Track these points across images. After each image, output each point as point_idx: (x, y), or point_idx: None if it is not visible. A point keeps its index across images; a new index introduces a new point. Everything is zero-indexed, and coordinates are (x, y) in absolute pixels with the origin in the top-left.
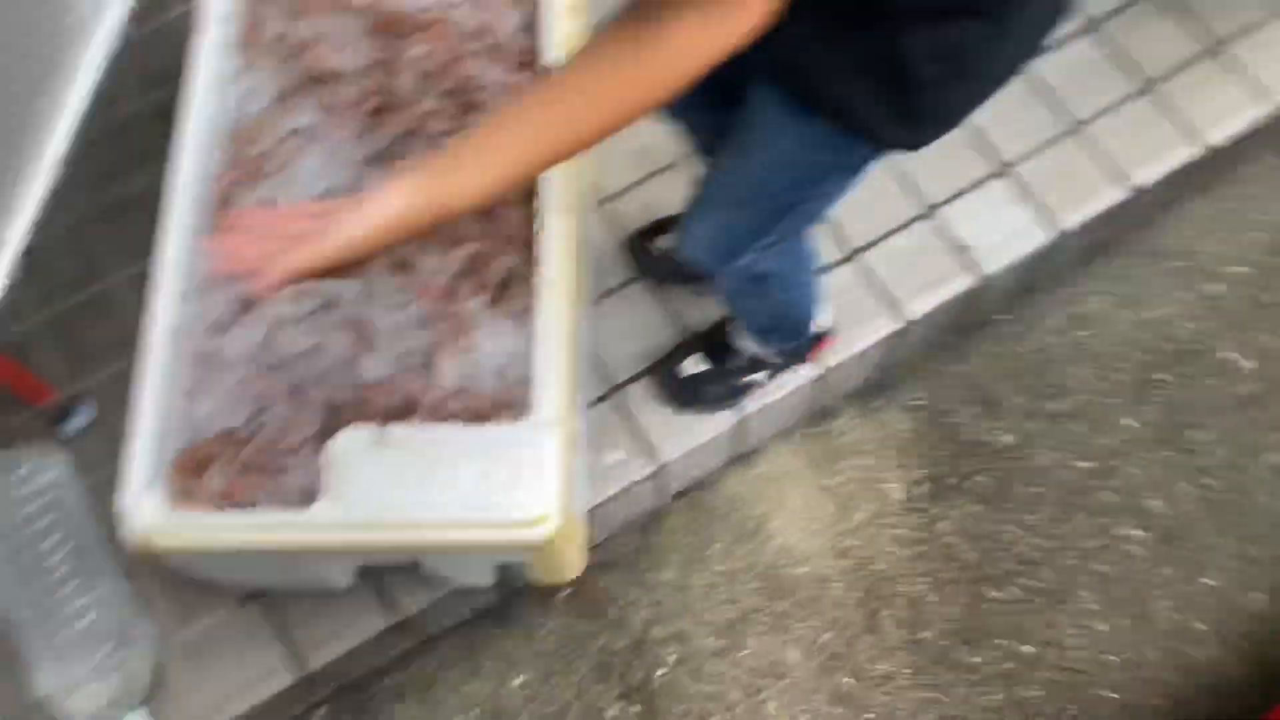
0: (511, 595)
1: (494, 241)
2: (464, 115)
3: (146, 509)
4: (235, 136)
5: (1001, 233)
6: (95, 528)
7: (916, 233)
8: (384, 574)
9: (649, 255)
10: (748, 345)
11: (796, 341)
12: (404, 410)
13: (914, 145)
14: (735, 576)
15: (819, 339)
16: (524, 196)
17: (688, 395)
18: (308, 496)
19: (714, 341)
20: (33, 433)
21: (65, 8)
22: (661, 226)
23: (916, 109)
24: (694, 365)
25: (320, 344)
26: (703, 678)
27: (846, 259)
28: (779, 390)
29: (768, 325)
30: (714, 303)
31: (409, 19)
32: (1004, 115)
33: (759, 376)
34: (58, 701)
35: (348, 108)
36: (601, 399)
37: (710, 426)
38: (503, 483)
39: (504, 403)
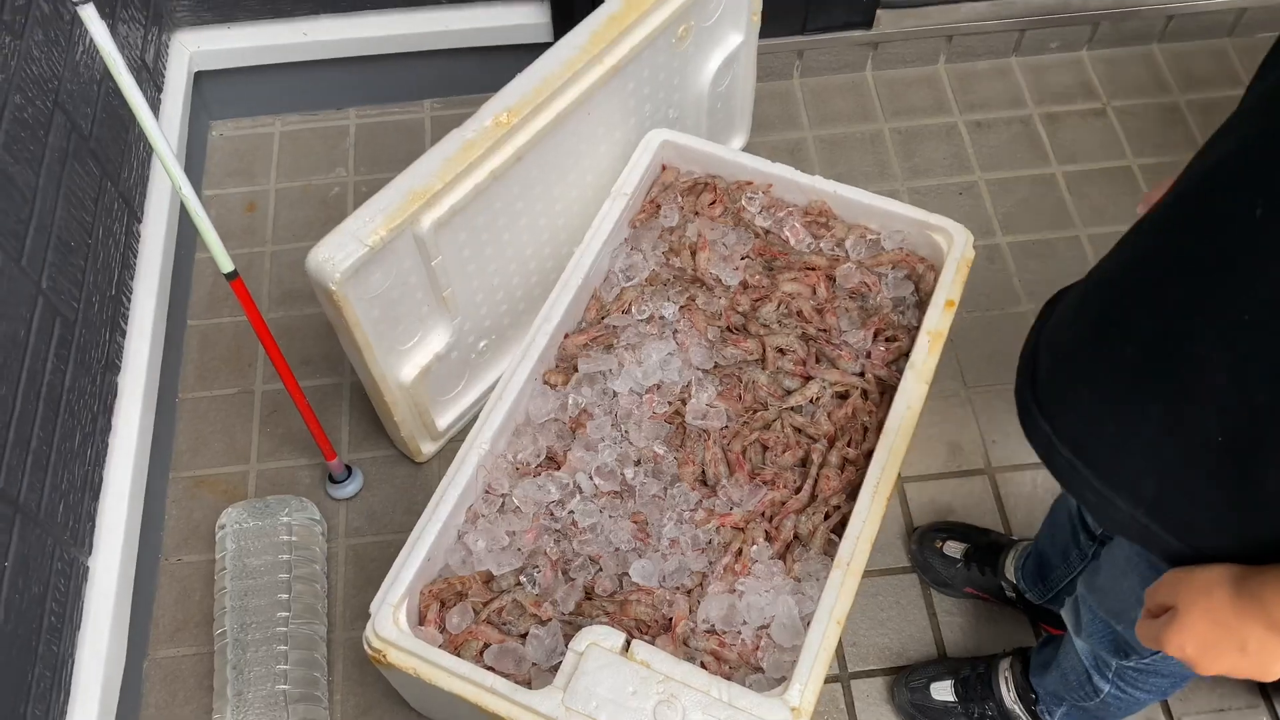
0: None
1: (802, 497)
2: (811, 362)
3: (394, 623)
4: (598, 300)
5: None
6: (324, 595)
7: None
8: None
9: (934, 554)
10: (1010, 699)
11: None
12: (656, 627)
13: None
14: None
15: None
16: (841, 464)
17: None
18: (533, 669)
19: (971, 676)
20: (307, 483)
21: None
22: (953, 531)
23: None
24: (943, 692)
25: (603, 527)
26: None
27: None
28: None
29: (1066, 699)
30: (982, 632)
31: (792, 256)
32: None
33: None
34: None
35: (708, 315)
36: (831, 679)
37: None
38: None
39: (751, 662)
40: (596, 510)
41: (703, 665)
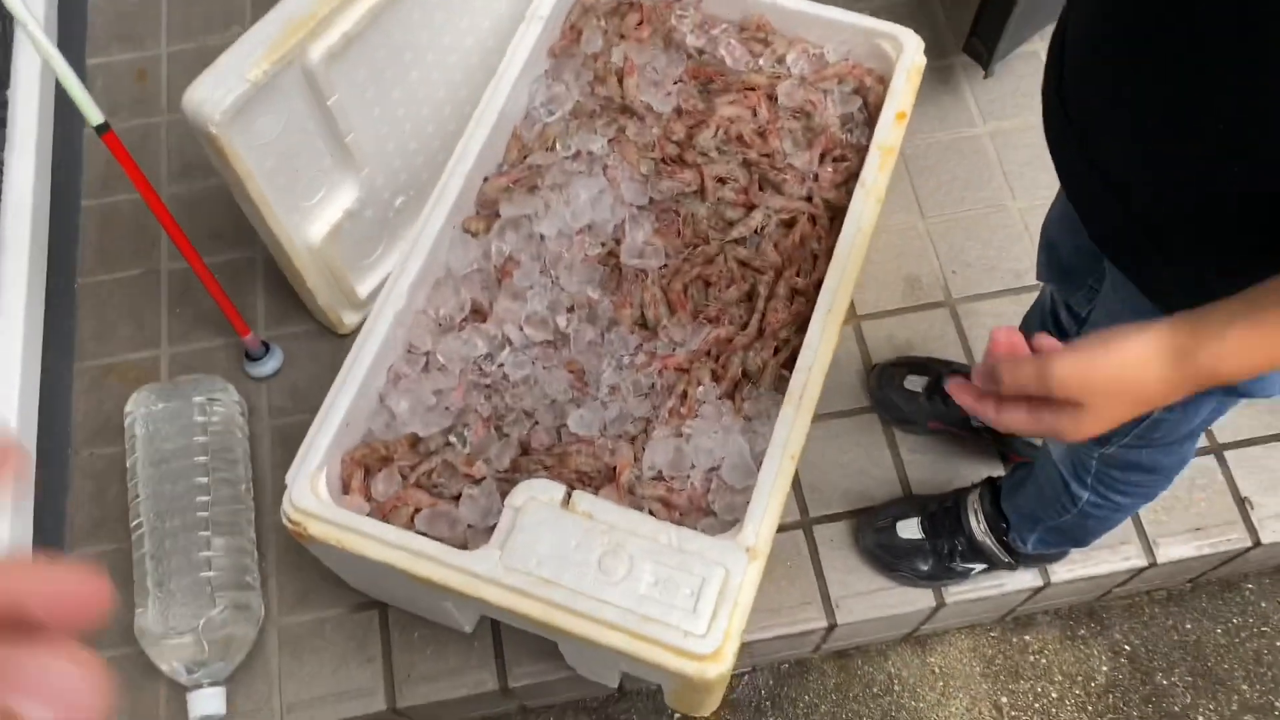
0: (623, 696)
1: (749, 333)
2: (754, 189)
3: (313, 492)
4: (519, 139)
5: None
6: (248, 478)
7: (1197, 468)
8: (505, 630)
9: (895, 390)
10: (980, 531)
11: (1051, 552)
12: (598, 478)
13: None
14: None
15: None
16: (789, 295)
17: (891, 560)
18: (469, 532)
19: (939, 511)
20: (224, 365)
21: None
22: (914, 365)
23: None
24: (909, 530)
25: (537, 378)
26: None
27: None
28: (989, 586)
29: (1041, 519)
30: (949, 468)
31: (730, 76)
32: None
33: (975, 567)
34: (148, 640)
35: (640, 147)
36: (792, 526)
37: (901, 600)
38: (683, 600)
39: (703, 507)
40: (529, 362)
41: (650, 513)
